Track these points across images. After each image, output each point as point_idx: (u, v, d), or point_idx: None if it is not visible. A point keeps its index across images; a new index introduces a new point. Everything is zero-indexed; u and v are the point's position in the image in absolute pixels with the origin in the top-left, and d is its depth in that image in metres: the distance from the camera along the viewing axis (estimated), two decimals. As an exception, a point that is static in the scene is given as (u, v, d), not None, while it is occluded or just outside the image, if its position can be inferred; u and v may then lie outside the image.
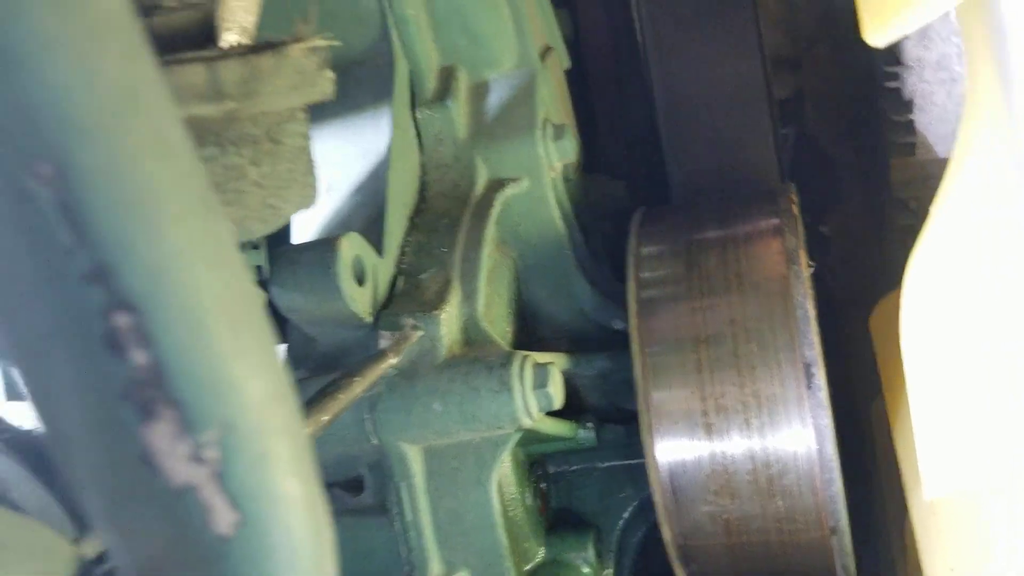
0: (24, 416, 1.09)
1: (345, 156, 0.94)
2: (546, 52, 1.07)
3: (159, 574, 0.39)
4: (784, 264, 0.87)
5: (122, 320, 0.33)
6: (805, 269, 0.86)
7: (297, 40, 0.56)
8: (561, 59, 1.16)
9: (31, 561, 0.54)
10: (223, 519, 0.37)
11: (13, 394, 1.08)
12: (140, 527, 0.37)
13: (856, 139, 1.47)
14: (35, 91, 0.30)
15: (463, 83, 1.00)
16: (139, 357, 0.34)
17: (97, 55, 0.31)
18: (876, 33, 0.71)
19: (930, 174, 1.15)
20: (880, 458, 1.14)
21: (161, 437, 0.35)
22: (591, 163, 1.24)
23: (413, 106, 0.99)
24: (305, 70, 0.57)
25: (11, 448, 1.01)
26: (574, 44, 1.31)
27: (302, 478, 0.40)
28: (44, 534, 0.54)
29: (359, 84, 0.97)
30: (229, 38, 0.53)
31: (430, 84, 0.99)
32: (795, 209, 0.92)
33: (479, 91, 1.02)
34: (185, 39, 0.50)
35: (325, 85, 0.59)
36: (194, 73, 0.47)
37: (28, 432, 1.09)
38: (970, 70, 0.80)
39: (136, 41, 0.33)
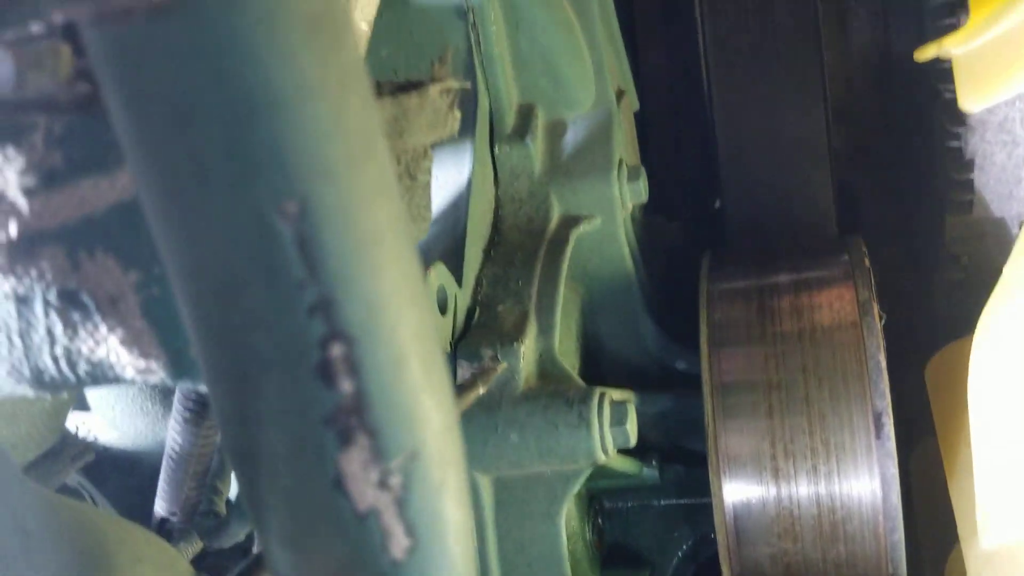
0: (83, 427, 1.10)
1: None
2: (620, 95, 1.10)
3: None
4: (856, 314, 0.89)
5: (337, 350, 0.35)
6: (877, 320, 0.88)
7: (434, 80, 0.58)
8: (632, 101, 1.18)
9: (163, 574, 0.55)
10: (399, 544, 0.39)
11: (80, 404, 1.10)
12: (320, 549, 0.39)
13: (902, 193, 1.49)
14: (293, 134, 0.32)
15: (541, 121, 1.03)
16: (347, 386, 0.36)
17: (347, 102, 0.33)
18: (972, 99, 0.74)
19: (985, 232, 1.18)
20: (918, 505, 1.15)
21: (356, 463, 0.37)
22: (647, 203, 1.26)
23: (491, 141, 1.01)
24: (439, 109, 0.59)
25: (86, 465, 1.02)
26: (635, 84, 1.33)
27: (465, 507, 0.42)
28: (168, 549, 0.56)
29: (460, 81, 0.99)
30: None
31: (510, 120, 1.01)
32: (866, 261, 0.94)
33: (556, 129, 1.04)
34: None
35: (454, 124, 0.61)
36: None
37: (91, 445, 1.11)
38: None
39: (370, 89, 0.35)
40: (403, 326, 0.37)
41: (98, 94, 0.34)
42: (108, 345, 0.41)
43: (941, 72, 1.12)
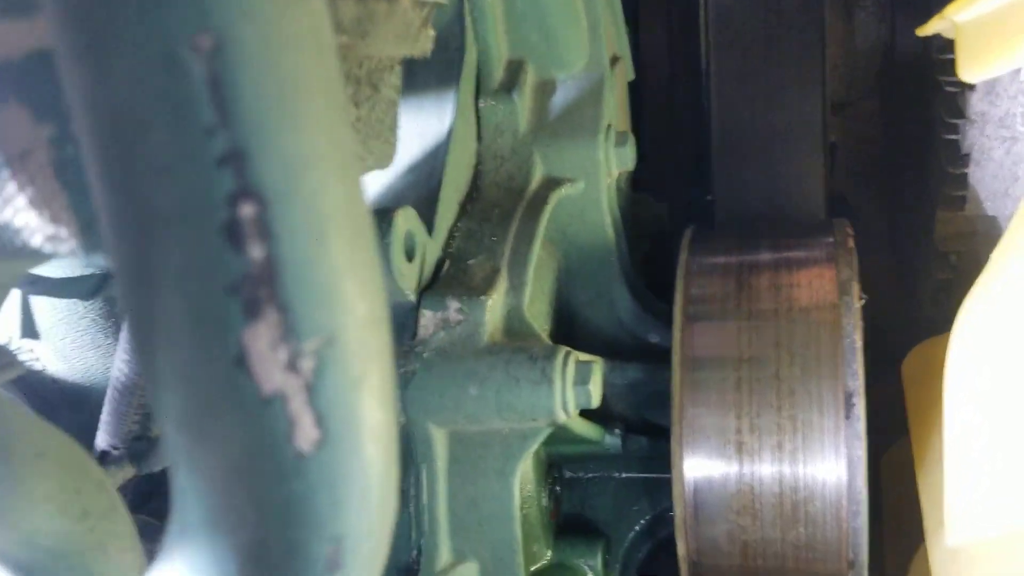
0: (30, 355, 1.08)
1: (406, 133, 0.93)
2: (615, 61, 1.07)
3: (227, 486, 0.38)
4: (836, 294, 0.86)
5: (247, 210, 0.32)
6: (857, 300, 0.85)
7: (407, -9, 0.56)
8: (627, 70, 1.16)
9: (67, 475, 0.52)
10: (305, 436, 0.36)
11: (28, 331, 1.07)
12: (218, 434, 0.36)
13: (888, 192, 1.47)
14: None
15: (530, 78, 1.00)
16: (256, 251, 0.33)
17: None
18: (972, 70, 0.71)
19: (977, 230, 1.15)
20: (886, 508, 1.13)
21: (262, 339, 0.34)
22: (635, 181, 1.24)
23: (477, 94, 0.99)
24: (411, 23, 0.56)
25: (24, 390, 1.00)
26: (632, 60, 1.31)
27: (387, 408, 0.39)
28: (78, 451, 0.53)
29: (426, 64, 0.96)
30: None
31: (497, 75, 0.99)
32: (851, 242, 0.91)
33: (545, 88, 1.01)
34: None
35: (425, 42, 0.58)
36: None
37: (39, 373, 1.08)
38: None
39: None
40: (327, 192, 0.34)
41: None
42: (15, 205, 0.39)
43: (944, 64, 1.09)
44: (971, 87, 1.05)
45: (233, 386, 0.35)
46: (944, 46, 1.08)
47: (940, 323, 1.29)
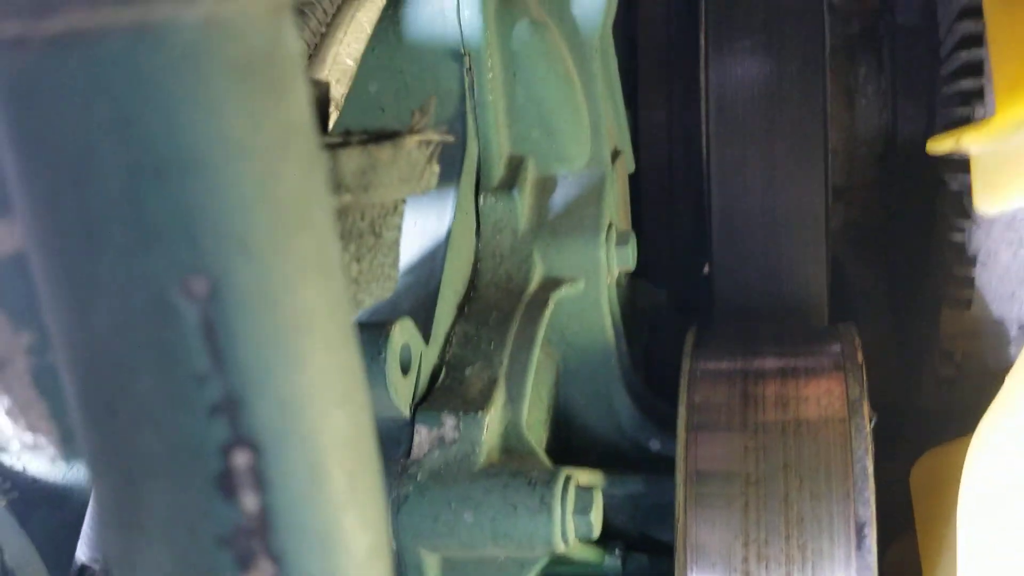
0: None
1: (404, 234, 0.90)
2: (616, 155, 1.05)
3: None
4: (845, 412, 0.83)
5: (241, 459, 0.29)
6: (867, 423, 0.82)
7: (412, 132, 0.53)
8: (628, 162, 1.14)
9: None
10: None
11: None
12: None
13: (894, 281, 1.45)
14: (208, 199, 0.26)
15: (531, 174, 0.98)
16: (250, 503, 0.30)
17: (280, 164, 0.27)
18: (990, 201, 0.69)
19: (981, 331, 1.13)
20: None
21: (254, 591, 0.31)
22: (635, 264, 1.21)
23: (477, 190, 0.96)
24: (416, 162, 0.53)
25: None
26: (632, 143, 1.29)
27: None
28: None
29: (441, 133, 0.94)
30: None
31: (498, 171, 0.96)
32: (859, 356, 0.89)
33: (546, 185, 0.99)
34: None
35: (431, 179, 0.55)
36: (317, 161, 0.43)
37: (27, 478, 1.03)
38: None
39: (316, 152, 0.29)
40: (326, 428, 0.31)
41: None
42: (-13, 413, 0.35)
43: (948, 161, 1.08)
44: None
45: (221, 638, 0.31)
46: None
47: (942, 416, 1.26)
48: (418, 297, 0.88)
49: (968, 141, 0.70)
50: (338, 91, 0.75)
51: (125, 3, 0.24)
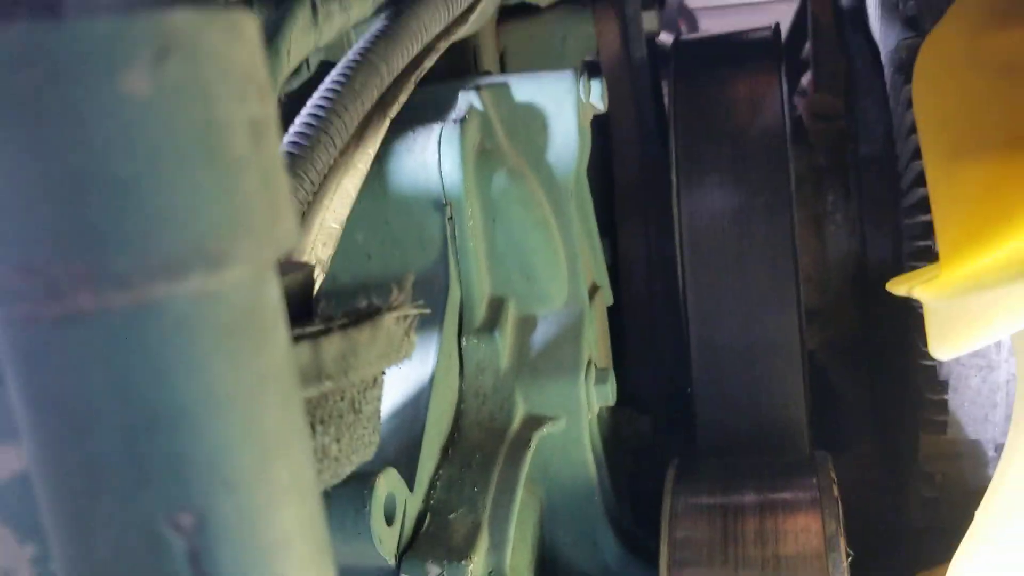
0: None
1: (387, 378, 0.93)
2: (594, 291, 1.09)
3: None
4: (823, 549, 0.85)
5: (224, 675, 0.31)
6: (844, 558, 0.84)
7: (391, 308, 0.56)
8: (606, 296, 1.18)
9: None
10: None
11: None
12: None
13: (877, 400, 1.48)
14: (195, 445, 0.29)
15: (512, 315, 1.02)
16: None
17: (259, 408, 0.31)
18: (943, 348, 0.73)
19: (959, 452, 1.15)
20: None
21: None
22: (617, 394, 1.24)
23: (459, 333, 1.00)
24: (394, 337, 0.57)
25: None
26: (612, 273, 1.34)
27: None
28: None
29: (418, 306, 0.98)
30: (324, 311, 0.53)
31: (480, 312, 1.00)
32: (835, 489, 0.91)
33: (526, 324, 1.03)
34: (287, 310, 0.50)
35: (408, 349, 0.59)
36: (301, 355, 0.47)
37: None
38: (1020, 390, 0.81)
39: (293, 389, 0.32)
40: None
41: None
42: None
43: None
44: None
45: None
46: (915, 262, 1.12)
47: (935, 534, 1.27)
48: (402, 442, 0.90)
49: (918, 294, 0.74)
50: (324, 253, 0.79)
51: (125, 286, 0.27)
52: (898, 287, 0.82)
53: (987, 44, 0.75)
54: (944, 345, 0.73)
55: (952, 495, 1.19)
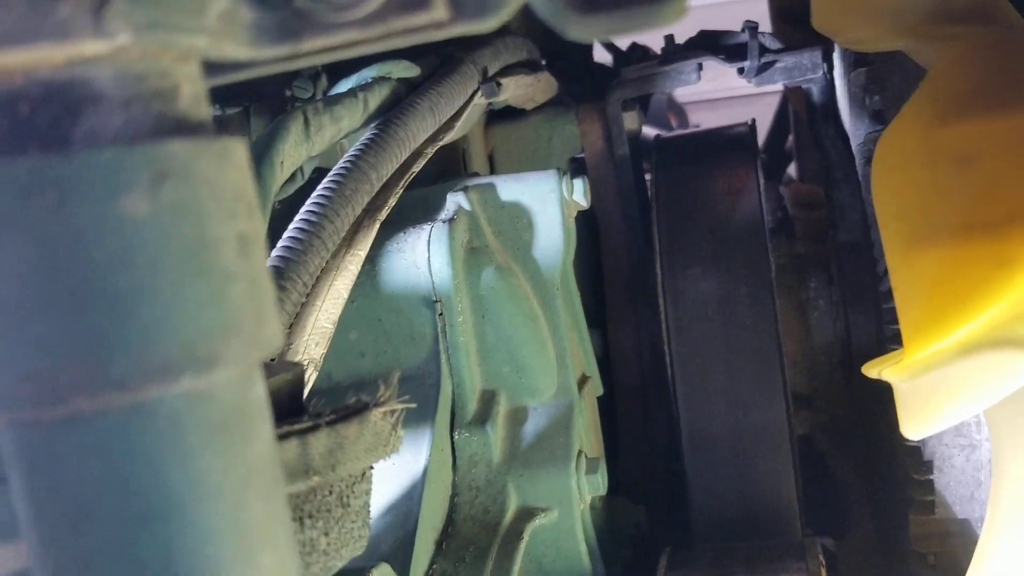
0: None
1: (382, 475, 0.94)
2: (584, 381, 1.12)
3: None
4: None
5: None
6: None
7: (378, 404, 0.59)
8: (596, 386, 1.20)
9: None
10: None
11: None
12: None
13: (870, 482, 1.48)
14: (184, 536, 0.32)
15: (503, 408, 1.04)
16: None
17: (246, 499, 0.33)
18: (912, 429, 0.75)
19: (949, 531, 1.16)
20: None
21: None
22: (611, 485, 1.25)
23: (451, 426, 1.02)
24: (381, 432, 0.59)
25: None
26: (603, 363, 1.36)
27: None
28: None
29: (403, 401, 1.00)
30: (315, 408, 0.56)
31: (471, 406, 1.02)
32: (823, 573, 0.91)
33: (517, 416, 1.05)
34: (278, 408, 0.53)
35: (396, 443, 0.61)
36: (288, 450, 0.49)
37: None
38: (996, 468, 0.83)
39: (277, 482, 0.35)
40: None
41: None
42: None
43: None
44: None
45: None
46: (893, 345, 1.14)
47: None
48: (396, 538, 0.91)
49: (887, 376, 0.77)
50: (317, 352, 0.82)
51: (121, 389, 0.30)
52: (871, 370, 0.85)
53: (941, 137, 0.80)
54: (913, 425, 0.75)
55: (947, 575, 1.19)
